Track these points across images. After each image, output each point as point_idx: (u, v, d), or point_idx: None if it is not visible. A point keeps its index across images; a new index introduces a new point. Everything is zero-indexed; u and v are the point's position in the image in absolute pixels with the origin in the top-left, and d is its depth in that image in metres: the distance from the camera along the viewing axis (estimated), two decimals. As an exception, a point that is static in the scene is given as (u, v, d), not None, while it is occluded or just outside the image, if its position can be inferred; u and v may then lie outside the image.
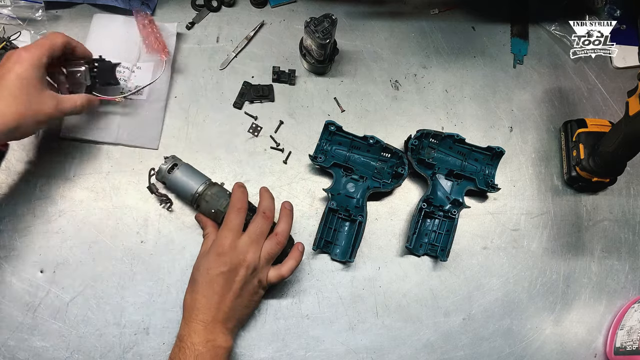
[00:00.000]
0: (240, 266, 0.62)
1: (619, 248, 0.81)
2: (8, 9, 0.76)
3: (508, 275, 0.77)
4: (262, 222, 0.64)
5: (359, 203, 0.75)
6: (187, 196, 0.69)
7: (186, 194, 0.69)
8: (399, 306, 0.74)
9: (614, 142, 0.71)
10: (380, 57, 0.85)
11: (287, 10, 0.85)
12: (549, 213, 0.81)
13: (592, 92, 0.88)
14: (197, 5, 0.83)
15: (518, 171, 0.82)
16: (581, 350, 0.76)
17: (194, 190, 0.68)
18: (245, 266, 0.62)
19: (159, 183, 0.71)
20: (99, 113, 0.74)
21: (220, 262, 0.62)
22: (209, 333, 0.59)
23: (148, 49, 0.76)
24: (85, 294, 0.68)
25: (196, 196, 0.68)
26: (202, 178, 0.70)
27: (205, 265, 0.62)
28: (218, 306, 0.61)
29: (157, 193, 0.70)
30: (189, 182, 0.68)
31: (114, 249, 0.70)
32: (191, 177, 0.69)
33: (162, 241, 0.72)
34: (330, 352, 0.71)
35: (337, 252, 0.74)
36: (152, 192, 0.70)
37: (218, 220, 0.68)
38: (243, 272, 0.62)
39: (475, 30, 0.89)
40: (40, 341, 0.66)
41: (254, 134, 0.78)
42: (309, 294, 0.73)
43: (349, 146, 0.78)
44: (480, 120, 0.84)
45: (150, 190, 0.70)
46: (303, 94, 0.81)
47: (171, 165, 0.69)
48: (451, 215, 0.75)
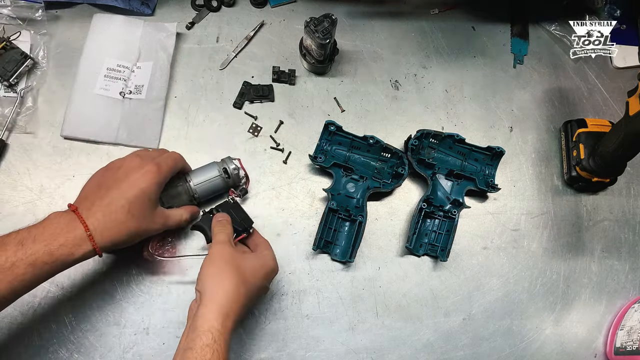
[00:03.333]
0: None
1: (619, 248, 0.81)
2: (8, 9, 0.76)
3: (508, 275, 0.77)
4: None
5: (359, 203, 0.75)
6: (219, 185, 0.70)
7: (218, 186, 0.70)
8: (399, 306, 0.74)
9: (614, 142, 0.71)
10: (380, 57, 0.85)
11: (287, 10, 0.85)
12: (549, 213, 0.81)
13: (592, 92, 0.88)
14: (197, 5, 0.83)
15: (518, 171, 0.82)
16: (581, 350, 0.76)
17: (217, 174, 0.70)
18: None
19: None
20: (99, 113, 0.74)
21: (268, 280, 0.63)
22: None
23: None
24: (85, 294, 0.68)
25: (224, 176, 0.70)
26: (211, 166, 0.70)
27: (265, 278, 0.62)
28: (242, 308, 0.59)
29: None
30: (208, 176, 0.69)
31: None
32: (204, 172, 0.70)
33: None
34: (330, 352, 0.71)
35: (337, 252, 0.74)
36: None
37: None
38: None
39: (475, 30, 0.89)
40: (40, 341, 0.66)
41: (254, 134, 0.78)
42: (309, 294, 0.73)
43: (349, 146, 0.78)
44: (480, 120, 0.84)
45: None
46: (303, 94, 0.81)
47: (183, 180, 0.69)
48: (451, 215, 0.75)
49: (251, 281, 0.58)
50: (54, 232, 0.54)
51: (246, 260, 0.60)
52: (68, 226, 0.55)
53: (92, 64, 0.75)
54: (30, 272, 0.51)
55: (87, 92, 0.74)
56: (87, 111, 0.74)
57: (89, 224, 0.55)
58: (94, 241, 0.55)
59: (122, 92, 0.75)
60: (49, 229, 0.54)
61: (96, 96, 0.74)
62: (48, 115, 0.75)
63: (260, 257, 0.62)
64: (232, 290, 0.55)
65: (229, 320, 0.54)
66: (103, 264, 0.70)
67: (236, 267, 0.58)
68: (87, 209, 0.57)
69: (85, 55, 0.76)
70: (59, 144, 0.74)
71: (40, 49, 0.76)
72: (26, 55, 0.74)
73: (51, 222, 0.55)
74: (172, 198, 0.67)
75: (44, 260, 0.52)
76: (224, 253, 0.59)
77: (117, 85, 0.75)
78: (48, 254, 0.52)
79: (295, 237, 0.74)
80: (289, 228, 0.75)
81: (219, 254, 0.59)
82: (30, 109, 0.74)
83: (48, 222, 0.55)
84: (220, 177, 0.70)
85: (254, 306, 0.69)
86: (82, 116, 0.73)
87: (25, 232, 0.53)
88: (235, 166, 0.71)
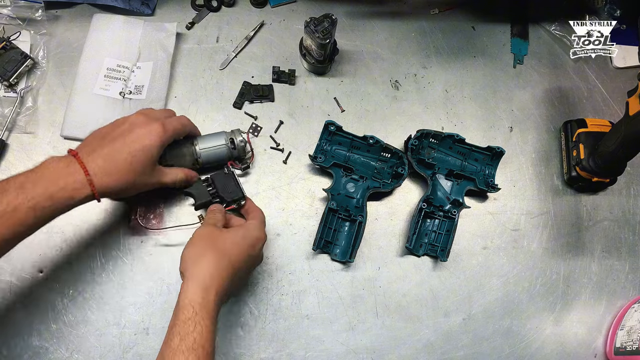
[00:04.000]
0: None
1: (619, 248, 0.81)
2: (8, 9, 0.76)
3: (508, 275, 0.77)
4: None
5: (359, 203, 0.75)
6: (224, 154, 0.72)
7: (222, 154, 0.71)
8: (399, 306, 0.74)
9: (614, 142, 0.71)
10: (380, 57, 0.85)
11: (287, 10, 0.85)
12: (549, 213, 0.81)
13: (592, 92, 0.88)
14: (197, 5, 0.83)
15: (518, 171, 0.82)
16: (581, 350, 0.76)
17: (223, 143, 0.71)
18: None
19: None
20: (99, 113, 0.74)
21: (255, 249, 0.63)
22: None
23: None
24: (85, 294, 0.68)
25: (230, 146, 0.71)
26: (219, 134, 0.71)
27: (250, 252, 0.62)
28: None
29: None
30: (215, 143, 0.71)
31: (114, 248, 0.70)
32: (212, 139, 0.71)
33: (162, 241, 0.72)
34: (330, 352, 0.71)
35: (337, 252, 0.74)
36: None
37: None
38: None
39: (475, 30, 0.89)
40: (40, 341, 0.66)
41: (254, 134, 0.78)
42: (309, 294, 0.73)
43: (349, 146, 0.78)
44: (480, 120, 0.84)
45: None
46: (303, 94, 0.81)
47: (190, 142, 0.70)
48: (451, 216, 0.75)
49: (233, 252, 0.59)
50: (53, 176, 0.54)
51: (226, 234, 0.61)
52: (67, 169, 0.55)
53: (92, 64, 0.76)
54: (32, 216, 0.52)
55: (87, 92, 0.74)
56: (87, 111, 0.74)
57: (89, 169, 0.56)
58: (94, 186, 0.56)
59: (122, 92, 0.75)
60: (48, 173, 0.54)
61: (96, 96, 0.74)
62: (48, 115, 0.75)
63: (242, 229, 0.63)
64: (211, 264, 0.56)
65: (210, 292, 0.54)
66: (102, 264, 0.70)
67: (214, 243, 0.59)
68: (87, 154, 0.57)
69: (85, 55, 0.76)
70: (59, 144, 0.74)
71: (40, 49, 0.76)
72: (26, 55, 0.74)
73: (49, 166, 0.55)
74: (175, 157, 0.69)
75: (44, 204, 0.53)
76: (202, 232, 0.61)
77: (117, 85, 0.75)
78: (48, 198, 0.53)
79: (295, 237, 0.74)
80: (289, 228, 0.75)
81: (198, 234, 0.61)
82: (30, 109, 0.74)
83: (46, 167, 0.55)
84: (226, 147, 0.71)
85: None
86: (82, 116, 0.73)
87: (23, 176, 0.53)
88: (242, 139, 0.72)
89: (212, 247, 0.58)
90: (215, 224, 0.63)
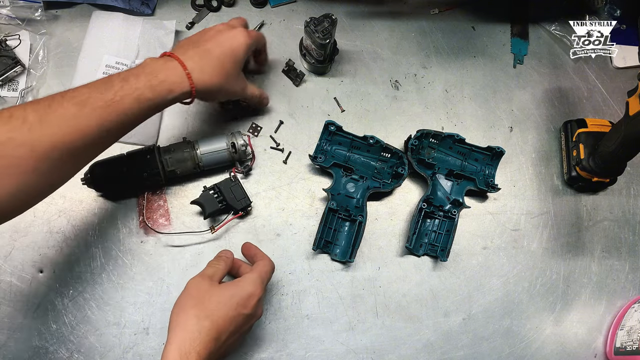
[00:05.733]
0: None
1: (619, 248, 0.81)
2: (7, 9, 0.76)
3: (508, 275, 0.77)
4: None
5: (359, 203, 0.75)
6: (225, 157, 0.72)
7: (223, 158, 0.72)
8: (399, 306, 0.74)
9: (614, 142, 0.71)
10: (380, 57, 0.85)
11: (287, 10, 0.85)
12: (549, 213, 0.81)
13: (592, 92, 0.88)
14: (197, 5, 0.83)
15: (518, 171, 0.82)
16: (581, 350, 0.76)
17: (224, 147, 0.71)
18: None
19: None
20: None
21: (246, 307, 0.59)
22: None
23: None
24: (85, 294, 0.68)
25: (230, 150, 0.71)
26: (220, 138, 0.72)
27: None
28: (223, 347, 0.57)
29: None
30: (215, 147, 0.71)
31: (114, 249, 0.70)
32: (213, 142, 0.71)
33: (162, 241, 0.72)
34: (330, 352, 0.71)
35: (337, 252, 0.74)
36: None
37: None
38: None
39: (475, 30, 0.89)
40: (40, 341, 0.66)
41: (254, 133, 0.78)
42: (309, 294, 0.73)
43: (349, 146, 0.78)
44: (480, 120, 0.84)
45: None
46: (303, 94, 0.81)
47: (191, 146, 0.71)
48: (451, 215, 0.75)
49: (218, 314, 0.56)
50: (154, 70, 0.57)
51: (213, 292, 0.57)
52: (166, 65, 0.58)
53: (91, 60, 0.75)
54: (136, 107, 0.55)
55: (87, 91, 0.74)
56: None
57: (186, 65, 0.59)
58: (192, 80, 0.59)
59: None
60: (149, 69, 0.57)
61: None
62: (48, 115, 0.75)
63: (233, 286, 0.59)
64: (193, 327, 0.54)
65: (190, 358, 0.52)
66: (102, 264, 0.70)
67: (200, 300, 0.56)
68: (182, 54, 0.60)
69: (84, 52, 0.76)
70: (58, 143, 0.74)
71: (39, 49, 0.76)
72: (18, 60, 0.74)
73: (149, 63, 0.58)
74: (177, 162, 0.69)
75: (148, 95, 0.55)
76: (191, 288, 0.58)
77: (117, 85, 0.75)
78: (150, 89, 0.56)
79: (295, 237, 0.74)
80: (289, 228, 0.75)
81: (188, 286, 0.58)
82: (30, 109, 0.74)
83: (146, 64, 0.58)
84: (227, 150, 0.71)
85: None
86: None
87: (126, 72, 0.56)
88: (243, 142, 0.72)
89: (196, 306, 0.56)
90: (211, 276, 0.60)
